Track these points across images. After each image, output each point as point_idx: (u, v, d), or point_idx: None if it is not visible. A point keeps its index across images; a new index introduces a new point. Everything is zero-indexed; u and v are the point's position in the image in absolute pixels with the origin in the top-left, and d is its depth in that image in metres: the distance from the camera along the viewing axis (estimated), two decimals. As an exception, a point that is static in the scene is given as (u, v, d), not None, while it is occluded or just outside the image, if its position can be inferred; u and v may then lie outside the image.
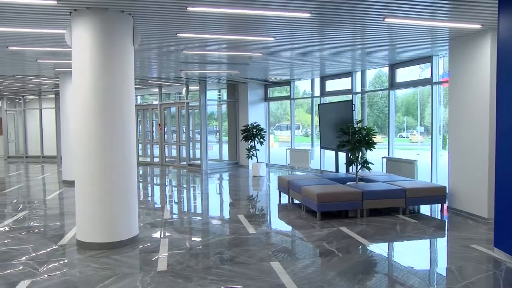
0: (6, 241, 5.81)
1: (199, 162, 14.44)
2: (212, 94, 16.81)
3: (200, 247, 5.57)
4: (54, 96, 17.85)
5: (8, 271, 4.63)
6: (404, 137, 30.08)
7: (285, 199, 8.64)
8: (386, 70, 10.69)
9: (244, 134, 12.64)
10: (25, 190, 10.58)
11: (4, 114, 18.64)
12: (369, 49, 8.33)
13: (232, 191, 10.20)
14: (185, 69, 11.02)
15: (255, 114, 14.41)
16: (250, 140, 12.58)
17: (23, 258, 5.08)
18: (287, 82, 14.22)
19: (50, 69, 10.70)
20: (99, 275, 4.48)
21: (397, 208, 7.23)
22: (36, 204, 8.55)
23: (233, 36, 7.15)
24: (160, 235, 6.07)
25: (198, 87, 14.48)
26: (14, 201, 8.96)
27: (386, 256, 5.21)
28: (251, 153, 12.55)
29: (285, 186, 8.40)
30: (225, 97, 15.94)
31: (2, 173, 14.38)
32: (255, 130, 12.53)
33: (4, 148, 18.55)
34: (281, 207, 8.18)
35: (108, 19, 5.31)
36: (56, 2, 4.95)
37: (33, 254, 5.20)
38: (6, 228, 6.53)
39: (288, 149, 13.90)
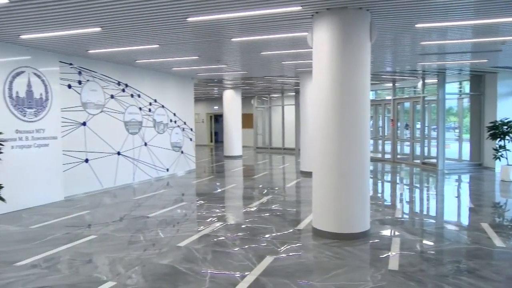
0: (255, 219, 6.78)
1: (434, 160, 13.43)
2: (451, 87, 15.32)
3: (433, 252, 5.17)
4: (294, 94, 19.75)
5: (257, 245, 5.38)
6: None
7: (545, 210, 7.16)
8: None
9: (492, 132, 11.09)
10: (269, 177, 12.05)
11: (254, 110, 21.74)
12: None
13: (473, 195, 9.08)
14: (422, 62, 10.38)
15: (506, 109, 12.39)
16: (499, 139, 10.96)
17: (267, 235, 5.80)
18: (553, 69, 11.68)
19: (292, 70, 11.82)
20: (331, 263, 4.71)
21: None
22: (277, 190, 9.63)
23: (481, 20, 6.31)
24: (391, 234, 5.93)
25: (435, 80, 13.44)
26: (260, 186, 10.33)
27: None
28: (500, 153, 10.90)
29: (546, 195, 6.94)
30: (467, 89, 14.29)
31: (252, 161, 16.80)
32: (505, 127, 10.86)
33: (254, 139, 21.71)
34: (540, 220, 6.81)
35: (347, 18, 5.47)
36: (301, 8, 5.41)
37: (275, 234, 5.88)
38: (255, 209, 7.60)
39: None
